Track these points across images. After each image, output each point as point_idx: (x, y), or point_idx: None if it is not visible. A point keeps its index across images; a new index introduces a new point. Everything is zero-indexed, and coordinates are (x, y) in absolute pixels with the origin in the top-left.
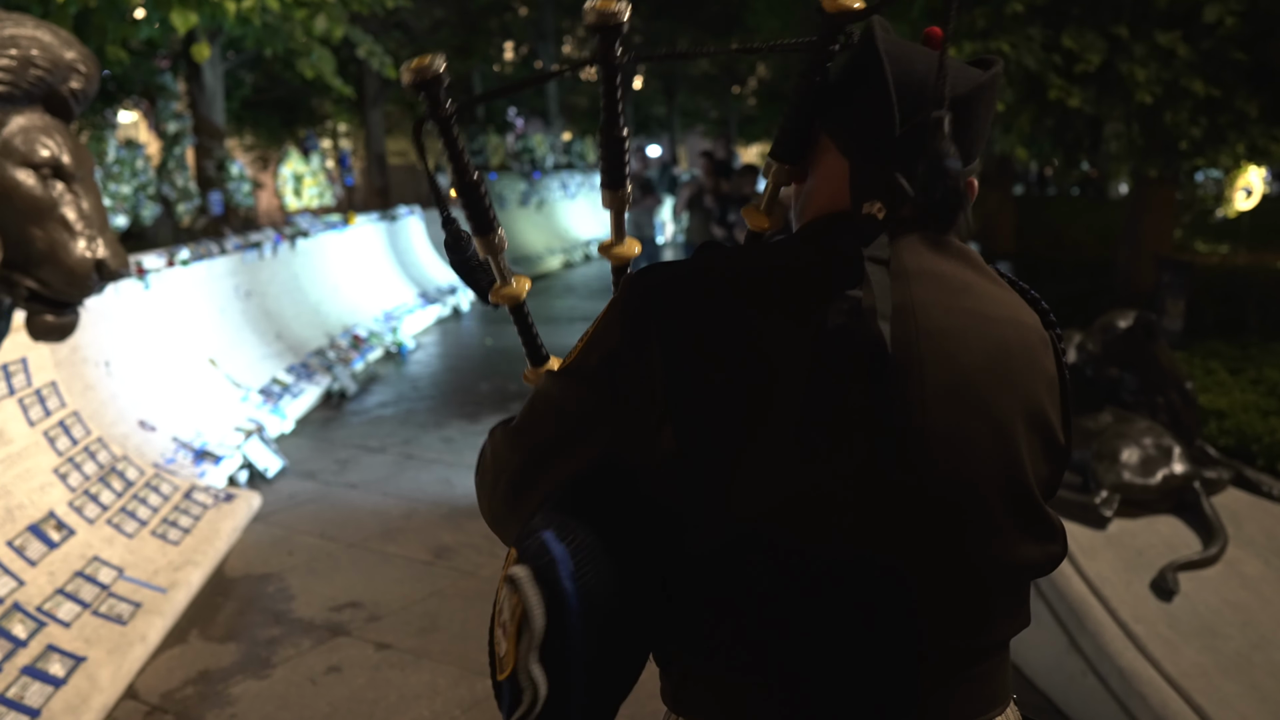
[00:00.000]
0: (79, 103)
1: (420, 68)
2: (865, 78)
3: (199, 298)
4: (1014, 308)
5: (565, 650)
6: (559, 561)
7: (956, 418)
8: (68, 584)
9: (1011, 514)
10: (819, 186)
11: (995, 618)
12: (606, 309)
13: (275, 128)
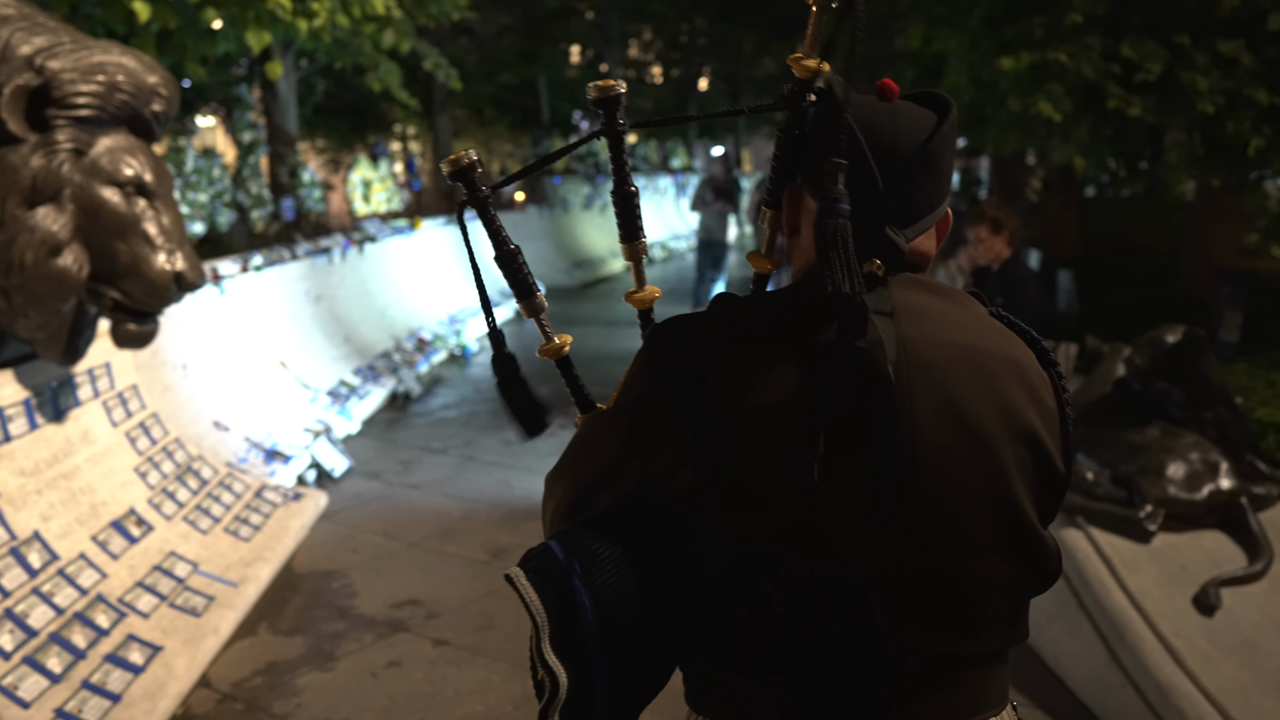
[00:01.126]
0: (160, 124)
1: (455, 159)
2: (839, 143)
3: (271, 302)
4: (1003, 343)
5: (582, 643)
6: (561, 560)
7: (945, 444)
8: (146, 577)
9: (1001, 534)
10: (809, 239)
11: (984, 629)
12: (636, 356)
13: (345, 133)
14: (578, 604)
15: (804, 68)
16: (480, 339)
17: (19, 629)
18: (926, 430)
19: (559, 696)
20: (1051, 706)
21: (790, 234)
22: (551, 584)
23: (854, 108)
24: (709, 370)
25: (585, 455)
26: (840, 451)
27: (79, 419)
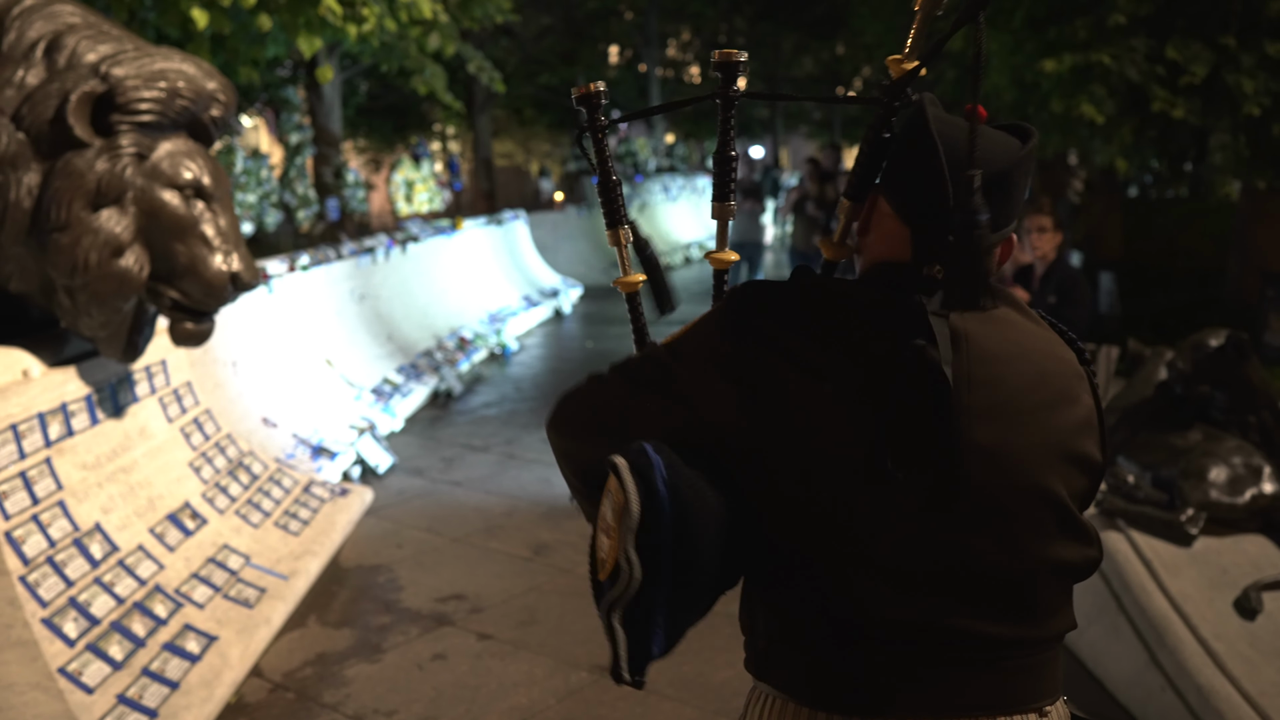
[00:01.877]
0: (218, 129)
1: (584, 88)
2: (921, 158)
3: (317, 301)
4: (1050, 343)
5: (655, 545)
6: (655, 465)
7: (999, 432)
8: (201, 569)
9: (1049, 519)
10: (876, 241)
11: (1038, 615)
12: (712, 311)
13: (388, 133)
14: (660, 508)
15: (902, 70)
16: (520, 338)
17: (82, 617)
18: (982, 421)
19: (630, 590)
20: (1092, 708)
21: (861, 232)
22: (643, 480)
23: (940, 123)
24: (782, 340)
25: (648, 368)
26: (903, 441)
27: (137, 414)
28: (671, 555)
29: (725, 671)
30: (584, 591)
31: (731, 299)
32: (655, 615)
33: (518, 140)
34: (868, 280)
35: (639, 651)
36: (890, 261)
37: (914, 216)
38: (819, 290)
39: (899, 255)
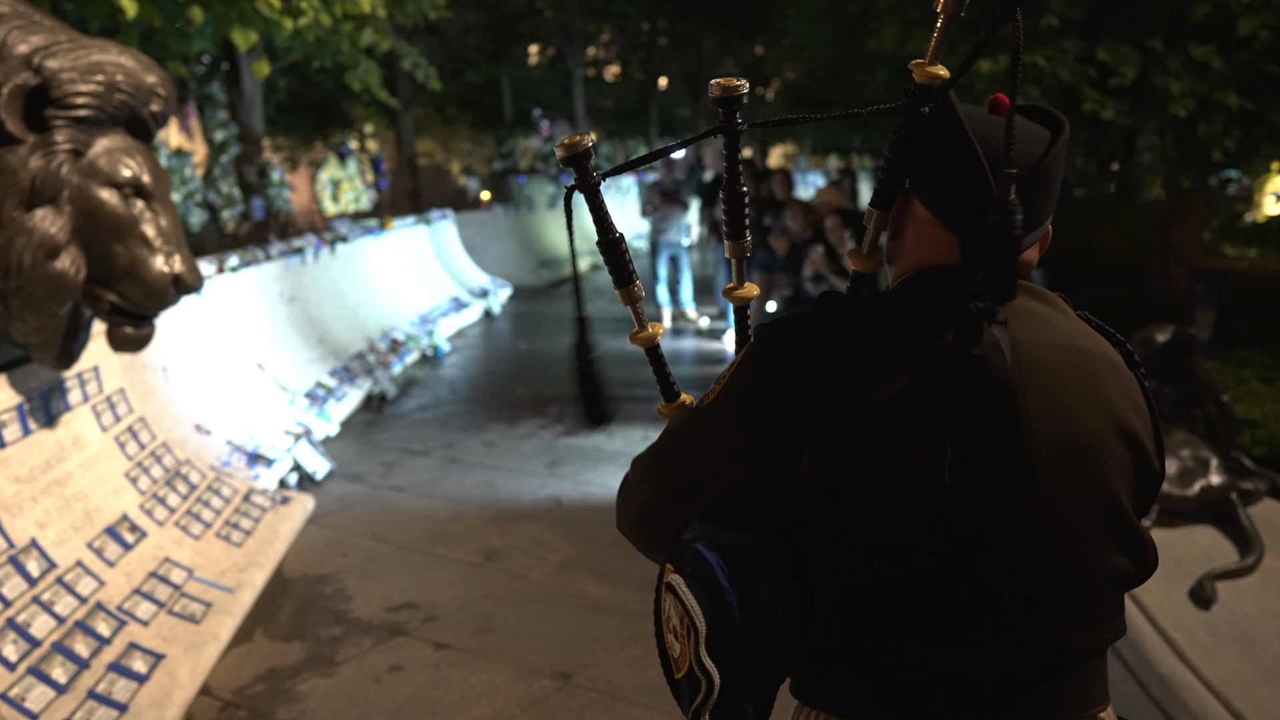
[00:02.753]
0: (157, 125)
1: (573, 144)
2: (959, 158)
3: (247, 303)
4: (1098, 343)
5: (730, 642)
6: (713, 565)
7: (1056, 441)
8: (143, 584)
9: (1105, 528)
10: (915, 245)
11: (1097, 622)
12: (743, 355)
13: (308, 131)
14: (726, 604)
15: (927, 74)
16: (451, 339)
17: (22, 639)
18: (1040, 431)
19: (713, 696)
20: None
21: (893, 237)
22: (705, 588)
23: (973, 120)
24: (825, 371)
25: (688, 450)
26: (965, 455)
27: (70, 424)
28: (749, 650)
29: None
30: (540, 597)
31: (763, 340)
32: (745, 706)
33: (438, 139)
34: (908, 288)
35: None
36: (935, 266)
37: (957, 219)
38: (856, 315)
39: (943, 258)
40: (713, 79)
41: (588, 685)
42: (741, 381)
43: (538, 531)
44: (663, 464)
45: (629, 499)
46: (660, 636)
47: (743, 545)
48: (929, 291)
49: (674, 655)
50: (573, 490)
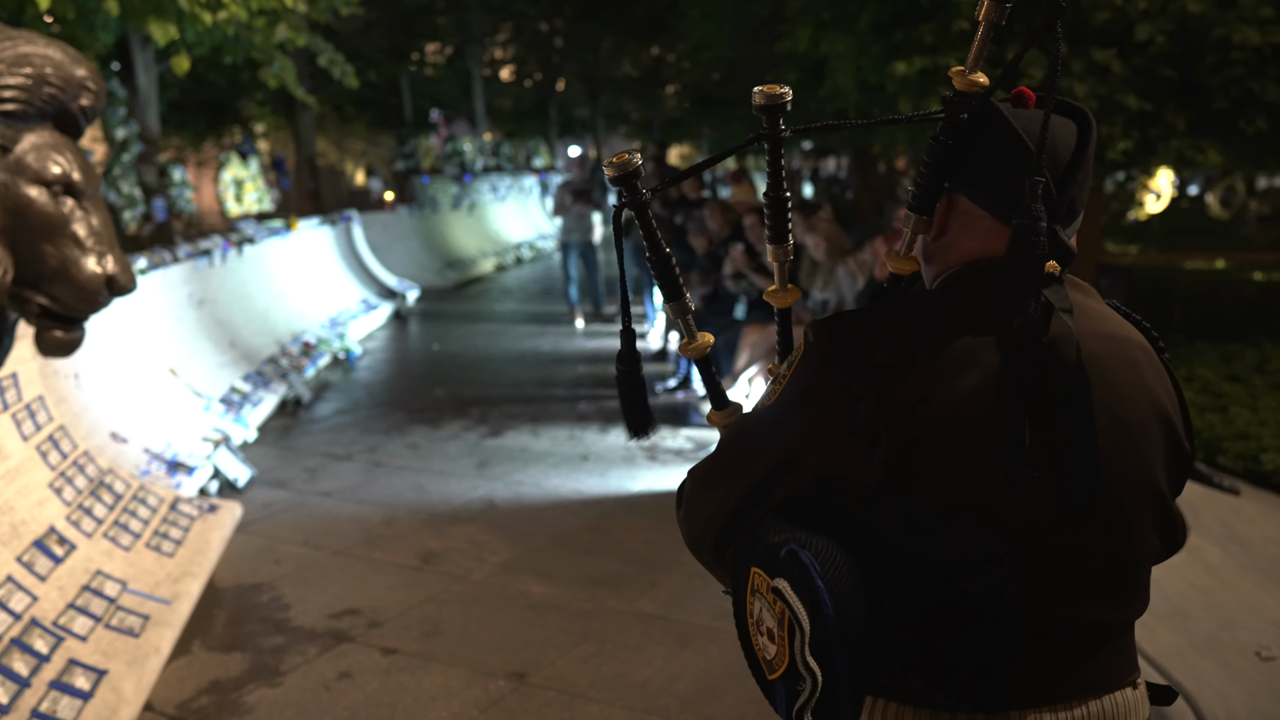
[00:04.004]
0: (87, 119)
1: (622, 162)
2: (1009, 153)
3: (155, 307)
4: (1133, 331)
5: (828, 641)
6: (809, 567)
7: (1110, 428)
8: (77, 598)
9: (1148, 510)
10: (966, 240)
11: (1136, 598)
12: (803, 353)
13: (201, 130)
14: (821, 603)
15: (967, 81)
16: (362, 341)
17: None
18: (1099, 418)
19: (816, 694)
20: None
21: (937, 235)
22: (805, 589)
23: (1017, 118)
24: (890, 362)
25: (755, 453)
26: (1038, 442)
27: None
28: (843, 645)
29: (645, 670)
30: (484, 599)
31: (825, 337)
32: (842, 700)
33: (332, 139)
34: (962, 280)
35: None
36: (988, 258)
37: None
38: (917, 308)
39: (995, 250)
40: (755, 87)
41: (543, 684)
42: (807, 379)
43: (474, 533)
44: (730, 468)
45: (695, 511)
46: (747, 640)
47: (828, 545)
48: (987, 282)
49: (767, 658)
50: (505, 491)
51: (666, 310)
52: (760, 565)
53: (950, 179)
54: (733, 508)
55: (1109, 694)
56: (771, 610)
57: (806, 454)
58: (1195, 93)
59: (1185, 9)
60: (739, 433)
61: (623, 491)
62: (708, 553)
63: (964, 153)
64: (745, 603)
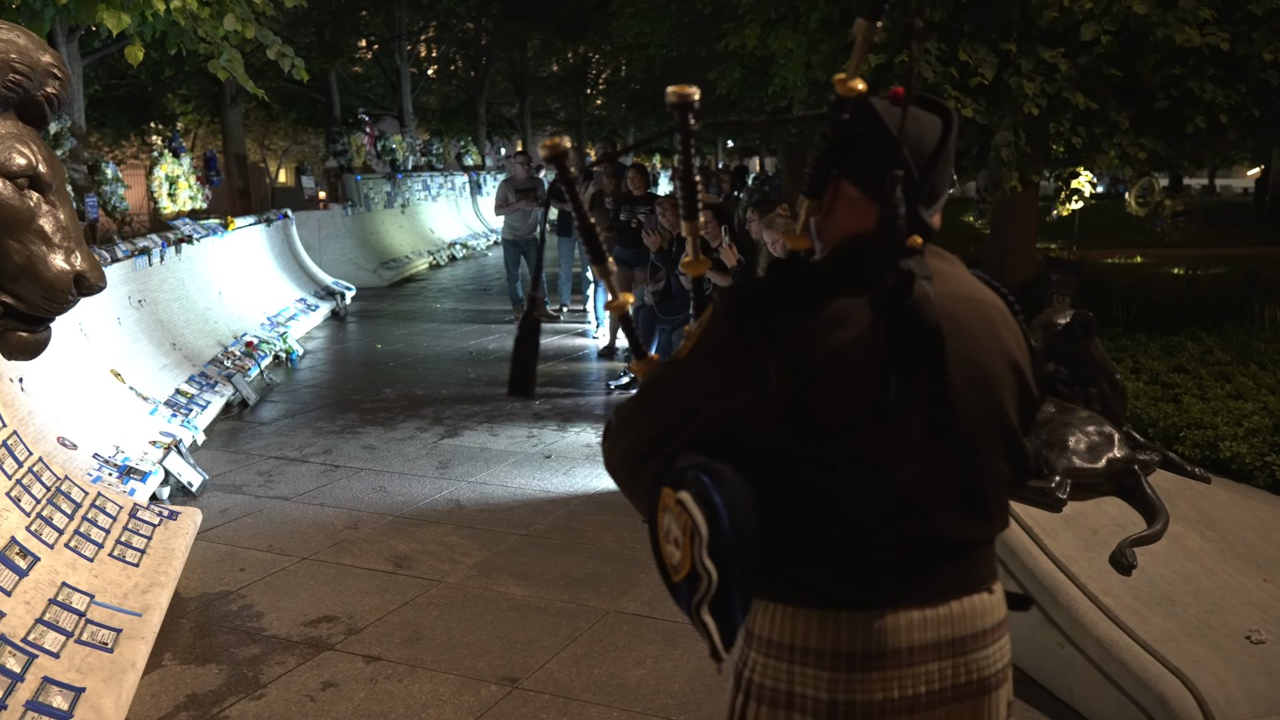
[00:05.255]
0: (53, 109)
1: (554, 144)
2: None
3: (96, 307)
4: (989, 293)
5: (723, 547)
6: (708, 484)
7: (966, 376)
8: (46, 613)
9: (1001, 443)
10: (846, 219)
11: (993, 517)
12: (711, 313)
13: (123, 127)
14: (719, 515)
15: (847, 88)
16: (302, 341)
17: None
18: (953, 365)
19: (711, 590)
20: None
21: (825, 215)
22: (704, 503)
23: (889, 115)
24: (783, 322)
25: (667, 396)
26: (901, 385)
27: None
28: (736, 551)
29: (637, 670)
30: (463, 602)
31: (730, 301)
32: (734, 598)
33: (255, 137)
34: (846, 252)
35: (728, 630)
36: (865, 233)
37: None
38: (807, 275)
39: (870, 227)
40: (668, 87)
41: (537, 688)
42: (713, 334)
43: (444, 535)
44: (647, 409)
45: (617, 442)
46: (658, 549)
47: (726, 469)
48: (863, 254)
49: (673, 562)
50: (470, 492)
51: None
52: (669, 485)
53: (837, 167)
54: (648, 442)
55: (969, 596)
56: (677, 521)
57: (712, 399)
58: (1137, 92)
59: (1130, 9)
60: (656, 380)
61: (589, 489)
62: (624, 477)
63: (847, 146)
64: (657, 519)
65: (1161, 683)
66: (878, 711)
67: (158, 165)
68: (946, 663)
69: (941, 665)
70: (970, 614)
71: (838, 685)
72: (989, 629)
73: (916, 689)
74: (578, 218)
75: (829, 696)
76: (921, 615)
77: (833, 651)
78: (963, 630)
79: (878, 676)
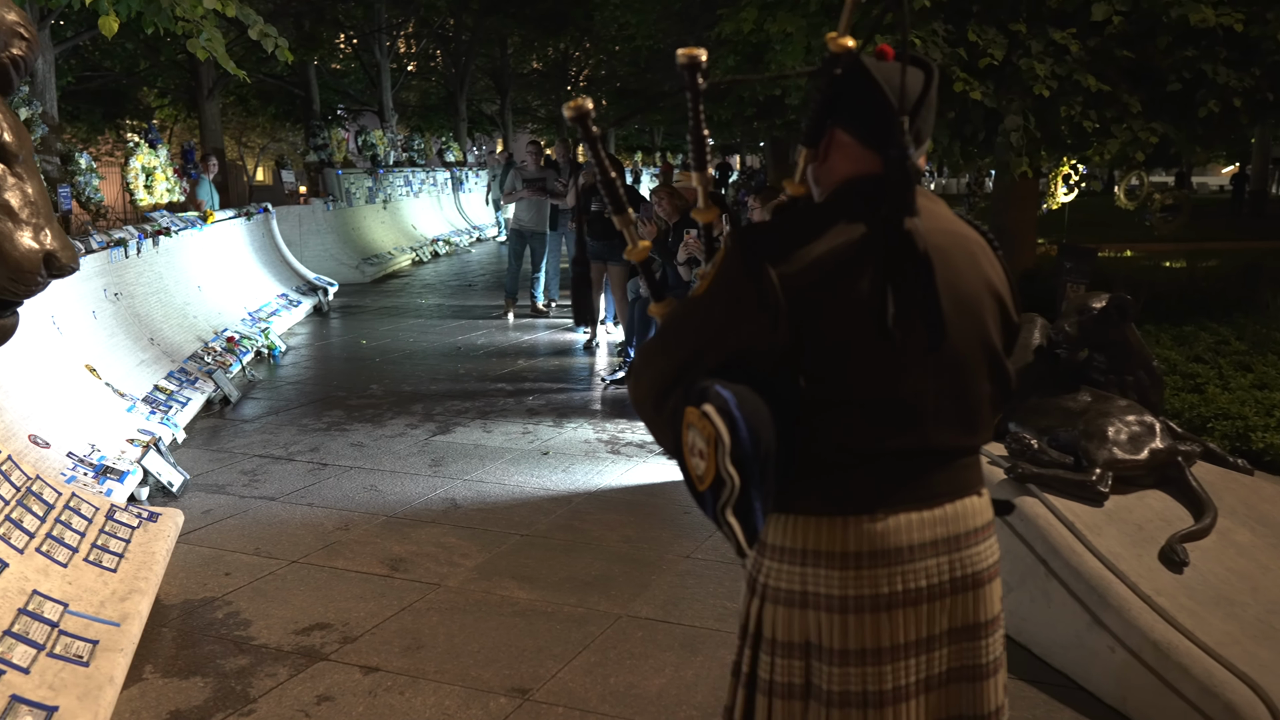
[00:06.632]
0: (19, 72)
1: (577, 105)
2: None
3: (70, 299)
4: (970, 229)
5: (743, 455)
6: (729, 399)
7: (953, 302)
8: (14, 624)
9: (985, 363)
10: (842, 164)
11: (980, 429)
12: (724, 259)
13: (97, 121)
14: (738, 425)
15: (838, 45)
16: (284, 337)
17: None
18: (942, 291)
19: (734, 494)
20: (1027, 675)
21: (821, 162)
22: (725, 415)
23: (876, 69)
24: (789, 255)
25: (687, 329)
26: (898, 309)
27: None
28: (755, 457)
29: (656, 679)
30: (464, 607)
31: (741, 240)
32: (755, 502)
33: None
34: (843, 194)
35: (750, 530)
36: (860, 176)
37: (876, 140)
38: (811, 215)
39: (864, 171)
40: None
41: (549, 700)
42: (727, 270)
43: (440, 536)
44: (669, 343)
45: (641, 378)
46: (684, 465)
47: (744, 389)
48: (859, 194)
49: (698, 473)
50: (466, 490)
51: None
52: (693, 403)
53: (831, 117)
54: (671, 375)
55: (961, 499)
56: (701, 434)
57: (727, 331)
58: (1149, 74)
59: None
60: (675, 317)
61: (590, 486)
62: (650, 409)
63: (840, 97)
64: (682, 437)
65: (1228, 689)
66: (885, 603)
67: (133, 156)
68: (944, 559)
69: (939, 561)
70: (963, 514)
71: (848, 582)
72: (980, 528)
73: (919, 582)
74: (600, 171)
75: (840, 592)
76: (920, 517)
77: (842, 553)
78: (957, 529)
79: (884, 572)
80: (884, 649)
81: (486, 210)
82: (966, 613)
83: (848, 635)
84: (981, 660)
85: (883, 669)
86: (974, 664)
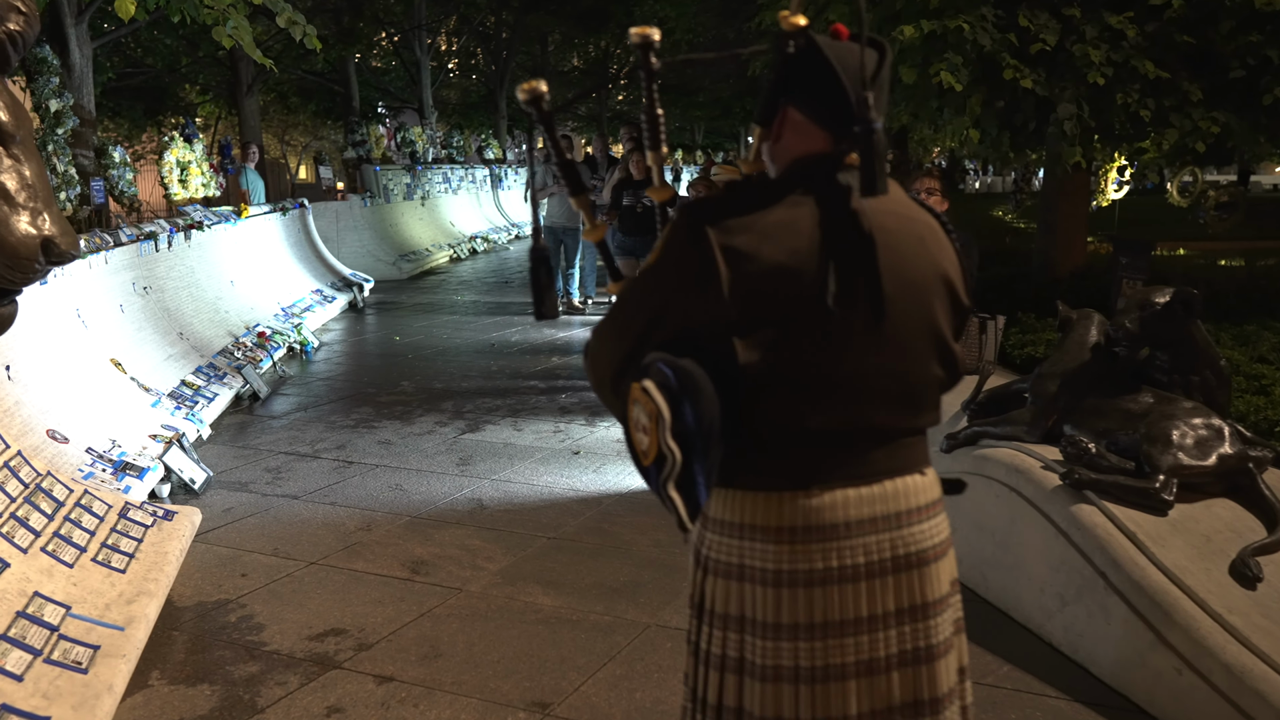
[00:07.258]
0: (17, 49)
1: (531, 88)
2: (821, 74)
3: (97, 293)
4: (921, 213)
5: (684, 430)
6: (670, 375)
7: (897, 283)
8: (11, 628)
9: (931, 346)
10: (794, 143)
11: (923, 411)
12: (670, 229)
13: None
14: (680, 401)
15: (790, 23)
16: (317, 334)
17: None
18: (885, 273)
19: (675, 468)
20: (1084, 697)
21: (775, 140)
22: (666, 390)
23: (829, 48)
24: (734, 227)
25: (637, 303)
26: (842, 285)
27: None
28: (697, 433)
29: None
30: (486, 613)
31: (686, 213)
32: (697, 476)
33: (274, 132)
34: (793, 172)
35: (693, 505)
36: (811, 154)
37: (827, 118)
38: (758, 190)
39: (817, 148)
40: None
41: (570, 715)
42: (673, 242)
43: (464, 538)
44: (621, 319)
45: (597, 359)
46: (630, 439)
47: (689, 363)
48: (809, 172)
49: (642, 448)
50: (493, 490)
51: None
52: (636, 379)
53: (784, 96)
54: (624, 353)
55: (902, 477)
56: (645, 410)
57: (675, 303)
58: (1210, 60)
59: None
60: (626, 294)
61: (622, 488)
62: (609, 392)
63: (793, 76)
64: (628, 413)
65: None
66: (819, 579)
67: (168, 150)
68: (884, 536)
69: (879, 538)
70: (904, 492)
71: (782, 556)
72: (923, 506)
73: (855, 559)
74: (555, 154)
75: (774, 566)
76: (858, 493)
77: (777, 527)
78: (897, 506)
79: (818, 548)
80: (816, 624)
81: (525, 207)
82: (913, 592)
83: (780, 609)
84: (931, 641)
85: (814, 645)
86: (924, 645)
